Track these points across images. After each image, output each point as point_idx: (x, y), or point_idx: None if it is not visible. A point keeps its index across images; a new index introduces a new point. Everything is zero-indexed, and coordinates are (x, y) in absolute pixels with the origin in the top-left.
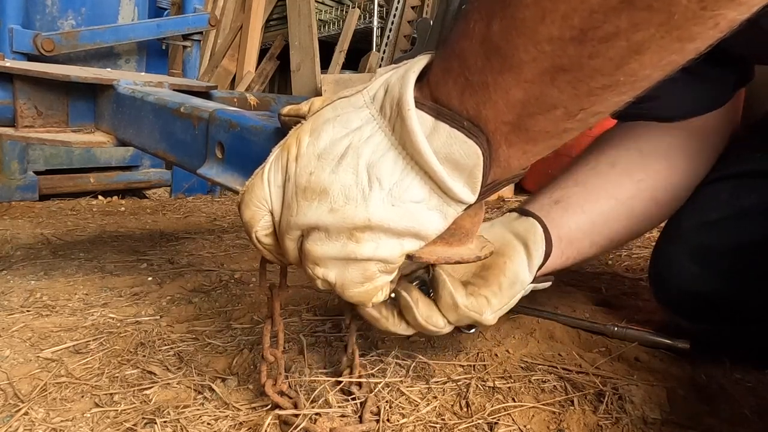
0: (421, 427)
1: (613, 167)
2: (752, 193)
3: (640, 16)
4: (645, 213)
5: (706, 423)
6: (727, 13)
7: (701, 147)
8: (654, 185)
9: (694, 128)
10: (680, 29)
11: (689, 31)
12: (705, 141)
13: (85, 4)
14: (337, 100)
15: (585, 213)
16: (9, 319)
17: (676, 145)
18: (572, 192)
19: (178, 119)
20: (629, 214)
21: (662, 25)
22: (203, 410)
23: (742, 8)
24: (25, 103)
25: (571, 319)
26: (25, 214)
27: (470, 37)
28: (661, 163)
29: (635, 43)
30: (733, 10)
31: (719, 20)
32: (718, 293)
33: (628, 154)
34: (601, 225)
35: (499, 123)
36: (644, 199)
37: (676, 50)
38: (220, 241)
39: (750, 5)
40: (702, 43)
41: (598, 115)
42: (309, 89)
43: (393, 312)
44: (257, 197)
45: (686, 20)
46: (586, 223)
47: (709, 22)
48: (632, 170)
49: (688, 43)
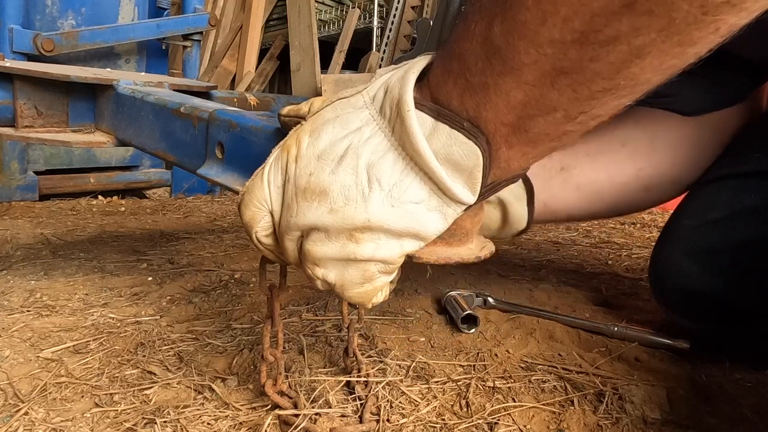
0: (421, 427)
1: (623, 146)
2: (753, 193)
3: (641, 21)
4: (631, 199)
5: (706, 423)
6: (728, 19)
7: (712, 142)
8: (651, 174)
9: (710, 122)
10: (681, 34)
11: (690, 36)
12: (718, 135)
13: (85, 4)
14: (336, 100)
15: (580, 190)
16: (9, 319)
17: (687, 139)
18: (579, 163)
19: (178, 119)
20: (617, 198)
21: (663, 29)
22: (203, 410)
23: (743, 14)
24: (25, 103)
25: (571, 319)
26: (25, 214)
27: (471, 38)
28: (667, 155)
29: (636, 47)
30: (734, 16)
31: (720, 25)
32: (718, 293)
33: (639, 137)
34: (587, 203)
35: (499, 124)
36: (637, 187)
37: (677, 55)
38: (220, 241)
39: (751, 11)
40: (702, 47)
41: (598, 118)
42: (309, 89)
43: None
44: (257, 198)
45: (687, 25)
46: (575, 200)
47: (710, 27)
48: (638, 156)
49: (688, 47)
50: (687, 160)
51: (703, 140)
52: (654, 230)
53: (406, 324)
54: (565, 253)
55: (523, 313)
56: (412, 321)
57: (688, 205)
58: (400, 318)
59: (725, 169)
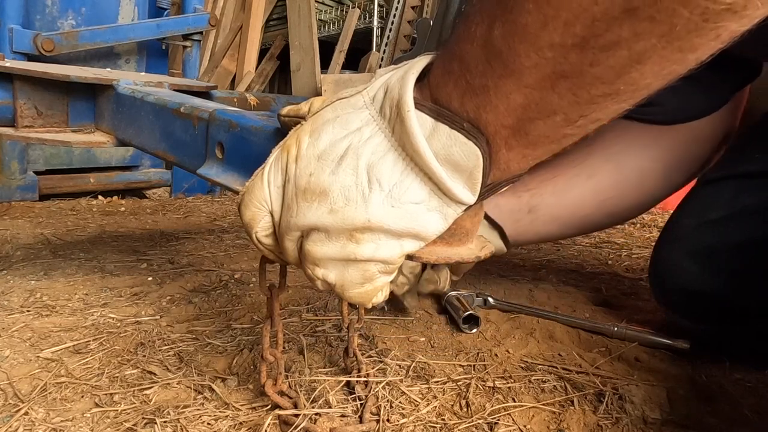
0: (421, 427)
1: (589, 179)
2: (753, 193)
3: (642, 27)
4: (595, 224)
5: (706, 423)
6: (729, 25)
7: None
8: (616, 203)
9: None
10: (682, 40)
11: (691, 43)
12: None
13: (85, 4)
14: (336, 100)
15: (546, 225)
16: (9, 319)
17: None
18: (546, 204)
19: (178, 119)
20: (581, 225)
21: (664, 36)
22: (203, 410)
23: (744, 20)
24: (25, 103)
25: (571, 319)
26: (25, 214)
27: (471, 40)
28: (633, 183)
29: (636, 53)
30: (736, 23)
31: (721, 32)
32: (718, 293)
33: (607, 167)
34: (553, 233)
35: (499, 126)
36: (602, 215)
37: (677, 60)
38: (220, 241)
39: (752, 18)
40: (703, 53)
41: (598, 122)
42: (309, 89)
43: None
44: (257, 198)
45: (688, 32)
46: (543, 234)
47: (710, 33)
48: (604, 188)
49: (689, 53)
50: (655, 184)
51: (673, 160)
52: (654, 230)
53: (406, 324)
54: (565, 253)
55: (523, 313)
56: (412, 321)
57: (688, 205)
58: (400, 318)
59: (725, 169)
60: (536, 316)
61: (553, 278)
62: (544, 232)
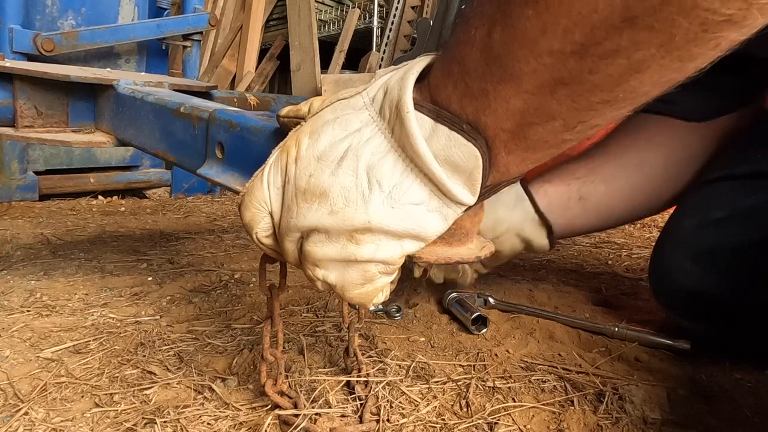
0: (421, 427)
1: (639, 168)
2: (753, 193)
3: (641, 36)
4: (639, 214)
5: (706, 423)
6: (729, 35)
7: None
8: (661, 194)
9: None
10: (681, 50)
11: (690, 52)
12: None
13: (85, 4)
14: (336, 101)
15: (599, 214)
16: (9, 319)
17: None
18: (597, 191)
19: (178, 119)
20: (629, 215)
21: (663, 45)
22: (203, 410)
23: (744, 30)
24: (25, 103)
25: (571, 319)
26: (25, 214)
27: (471, 43)
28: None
29: (635, 62)
30: (735, 32)
31: (720, 41)
32: (718, 293)
33: (656, 155)
34: (602, 223)
35: (498, 130)
36: (648, 207)
37: (676, 69)
38: (220, 241)
39: (752, 27)
40: (702, 62)
41: (596, 128)
42: (309, 89)
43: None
44: (257, 199)
45: (687, 41)
46: (592, 223)
47: (710, 43)
48: (654, 177)
49: (688, 62)
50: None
51: (709, 147)
52: (654, 230)
53: (406, 324)
54: (565, 253)
55: (523, 313)
56: (412, 321)
57: (689, 205)
58: (400, 318)
59: (725, 170)
60: (536, 316)
61: (553, 278)
62: (595, 219)
